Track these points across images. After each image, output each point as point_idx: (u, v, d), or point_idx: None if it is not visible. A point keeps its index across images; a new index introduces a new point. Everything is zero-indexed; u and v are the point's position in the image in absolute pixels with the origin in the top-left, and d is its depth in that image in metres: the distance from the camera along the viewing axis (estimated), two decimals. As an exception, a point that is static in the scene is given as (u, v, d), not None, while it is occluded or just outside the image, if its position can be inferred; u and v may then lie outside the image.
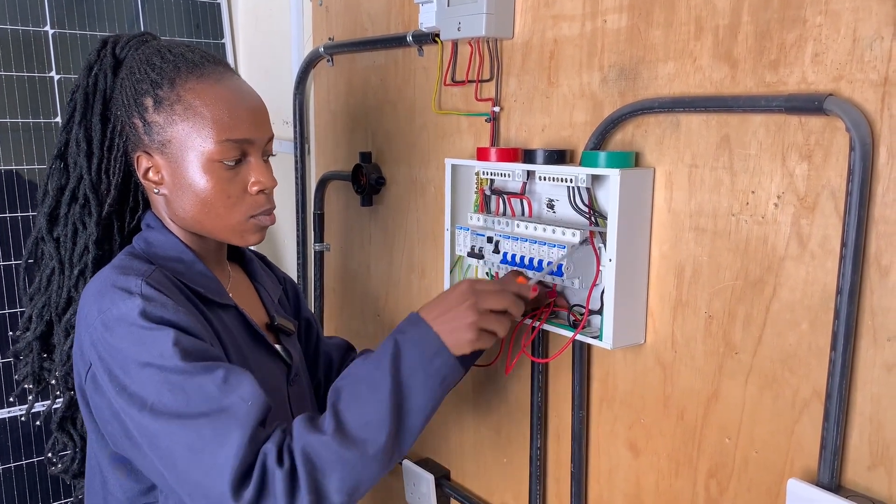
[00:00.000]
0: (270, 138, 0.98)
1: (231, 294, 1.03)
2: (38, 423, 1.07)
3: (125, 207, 1.03)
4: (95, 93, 0.97)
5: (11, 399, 1.09)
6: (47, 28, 1.49)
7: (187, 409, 0.81)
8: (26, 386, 1.03)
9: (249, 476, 0.79)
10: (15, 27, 1.45)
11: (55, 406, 1.06)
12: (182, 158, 0.92)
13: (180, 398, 0.81)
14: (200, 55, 0.95)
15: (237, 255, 1.13)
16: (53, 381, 1.03)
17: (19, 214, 1.45)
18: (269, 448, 0.81)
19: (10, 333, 1.39)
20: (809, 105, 0.77)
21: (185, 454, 0.81)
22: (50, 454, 1.06)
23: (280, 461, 0.80)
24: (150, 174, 0.95)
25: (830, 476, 0.79)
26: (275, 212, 1.00)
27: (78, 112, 0.96)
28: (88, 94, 0.97)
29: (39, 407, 1.46)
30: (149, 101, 0.93)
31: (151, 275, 0.90)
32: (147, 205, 1.02)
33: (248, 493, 0.78)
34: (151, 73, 0.93)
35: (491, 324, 0.91)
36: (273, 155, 1.00)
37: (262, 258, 1.21)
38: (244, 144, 0.94)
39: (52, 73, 1.49)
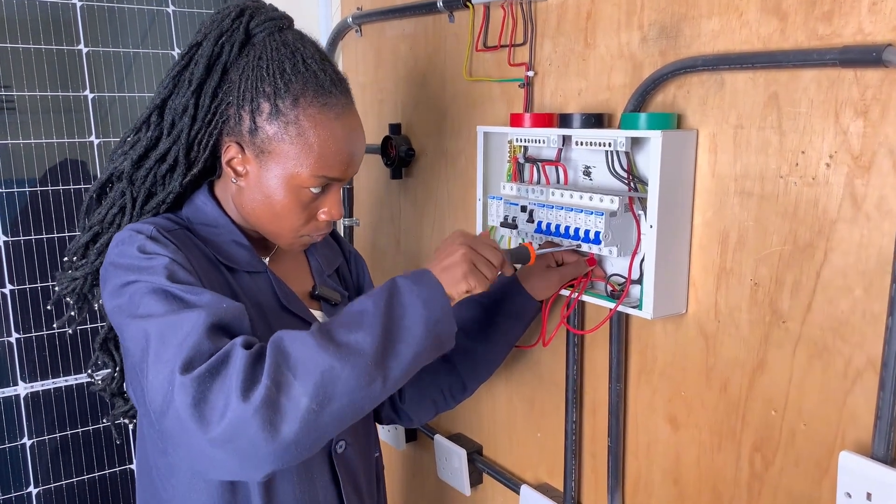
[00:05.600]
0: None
1: (274, 260, 1.05)
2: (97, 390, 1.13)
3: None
4: (217, 63, 0.94)
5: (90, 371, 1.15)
6: (75, 0, 1.48)
7: (167, 310, 0.81)
8: (68, 300, 1.05)
9: (208, 358, 0.76)
10: (43, 0, 1.44)
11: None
12: (272, 170, 0.93)
13: (162, 301, 0.82)
14: (331, 78, 0.94)
15: None
16: (97, 306, 1.06)
17: (63, 188, 1.46)
18: (239, 340, 0.77)
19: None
20: (866, 56, 0.73)
21: (153, 345, 0.78)
22: (90, 371, 1.12)
23: (248, 347, 0.77)
24: (235, 163, 0.95)
25: (886, 448, 0.75)
26: None
27: (196, 78, 0.94)
28: (211, 62, 0.94)
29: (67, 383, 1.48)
30: (266, 107, 0.92)
31: (172, 231, 0.93)
32: (209, 171, 1.01)
33: (201, 367, 0.74)
34: (279, 80, 0.91)
35: (481, 265, 0.89)
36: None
37: (332, 230, 1.19)
38: (333, 180, 0.96)
39: (81, 46, 1.48)
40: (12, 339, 1.42)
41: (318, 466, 1.01)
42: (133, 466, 1.54)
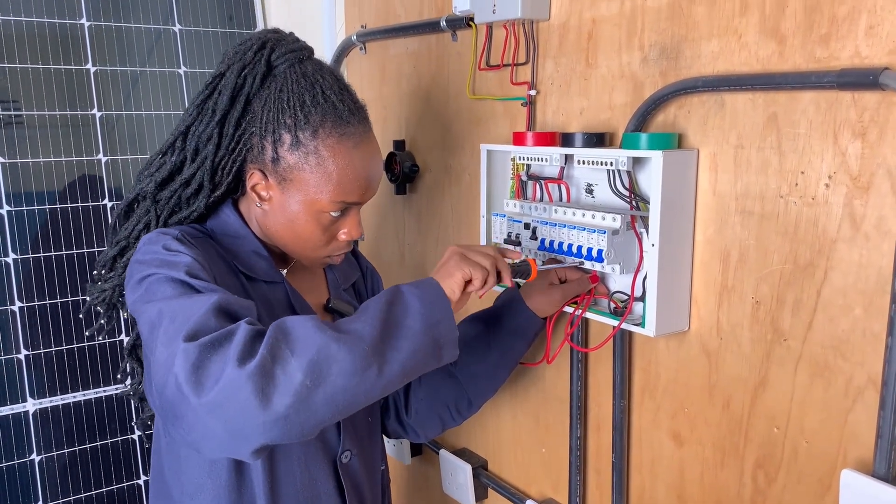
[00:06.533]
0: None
1: (291, 272, 1.08)
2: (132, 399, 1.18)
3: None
4: (240, 95, 0.97)
5: (119, 376, 1.19)
6: (83, 21, 1.50)
7: (181, 293, 0.84)
8: (98, 309, 1.09)
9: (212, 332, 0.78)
10: (52, 20, 1.46)
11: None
12: (294, 196, 0.97)
13: (178, 287, 0.85)
14: (349, 108, 0.98)
15: None
16: (125, 315, 1.10)
17: (71, 205, 1.47)
18: (244, 320, 0.80)
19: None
20: (864, 79, 0.74)
21: (164, 323, 0.80)
22: (119, 376, 1.14)
23: (251, 324, 0.79)
24: (259, 189, 0.99)
25: (887, 467, 0.76)
26: None
27: (220, 109, 0.97)
28: (235, 93, 0.97)
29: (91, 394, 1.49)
30: (287, 138, 0.95)
31: (196, 238, 0.97)
32: (231, 190, 1.04)
33: (204, 338, 0.76)
34: (299, 112, 0.95)
35: (473, 255, 0.92)
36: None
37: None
38: (352, 204, 1.00)
39: (89, 66, 1.50)
40: (21, 356, 1.43)
41: (322, 476, 1.02)
42: (140, 482, 1.55)
